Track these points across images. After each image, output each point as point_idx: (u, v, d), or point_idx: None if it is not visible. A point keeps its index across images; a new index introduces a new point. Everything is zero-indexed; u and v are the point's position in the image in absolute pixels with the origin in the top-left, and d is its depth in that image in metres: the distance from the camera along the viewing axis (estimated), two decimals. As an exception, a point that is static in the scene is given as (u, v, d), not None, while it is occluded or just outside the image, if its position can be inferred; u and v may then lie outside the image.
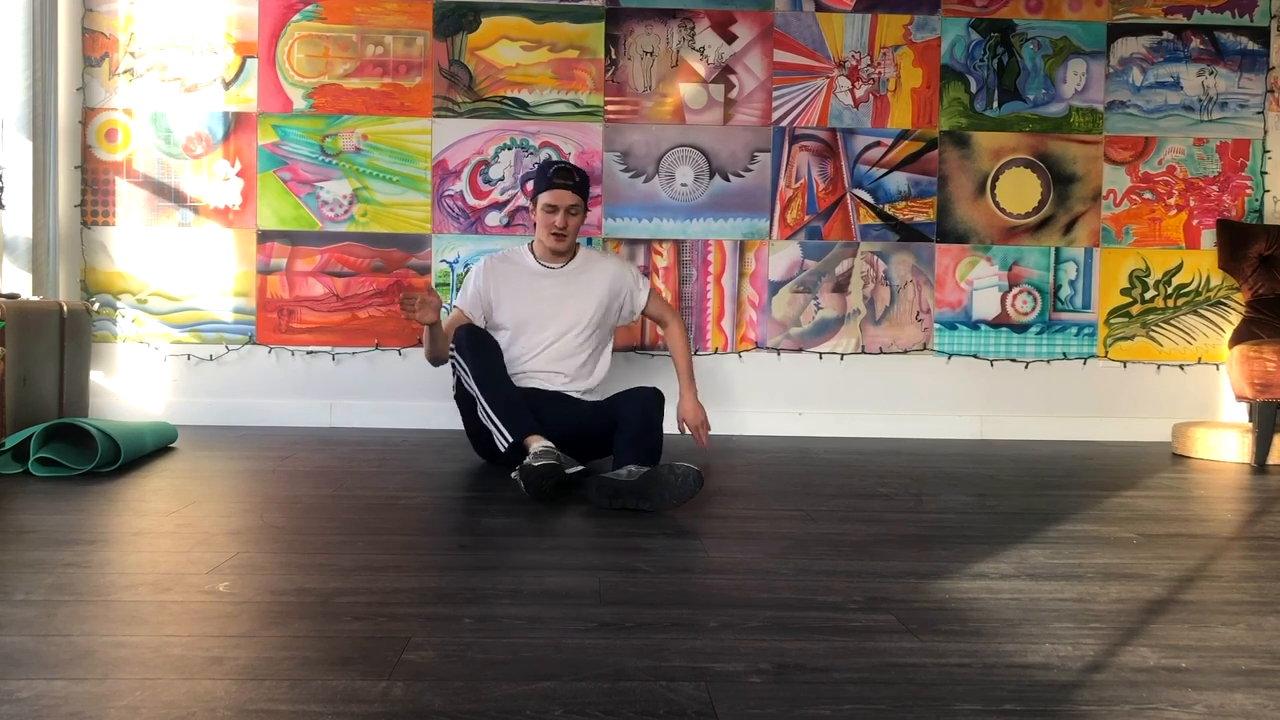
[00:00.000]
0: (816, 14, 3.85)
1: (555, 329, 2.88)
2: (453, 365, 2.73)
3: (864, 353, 3.90)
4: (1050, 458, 3.31)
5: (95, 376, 3.74)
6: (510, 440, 2.44)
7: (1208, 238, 3.94)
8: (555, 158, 2.97)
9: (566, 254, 2.95)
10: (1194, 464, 3.24)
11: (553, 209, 2.82)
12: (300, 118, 3.79)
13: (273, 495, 2.35)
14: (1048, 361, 3.93)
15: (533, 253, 2.98)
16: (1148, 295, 3.94)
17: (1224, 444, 3.33)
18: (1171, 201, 3.93)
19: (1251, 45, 3.92)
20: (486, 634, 1.32)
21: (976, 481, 2.75)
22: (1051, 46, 3.89)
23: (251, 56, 3.79)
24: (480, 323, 2.93)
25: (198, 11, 3.78)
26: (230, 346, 3.81)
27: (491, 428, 2.51)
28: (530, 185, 2.96)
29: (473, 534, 1.96)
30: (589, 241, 3.80)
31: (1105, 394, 3.93)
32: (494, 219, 3.82)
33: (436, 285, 3.82)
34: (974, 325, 3.92)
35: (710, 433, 2.98)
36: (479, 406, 2.57)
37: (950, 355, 3.91)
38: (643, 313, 3.07)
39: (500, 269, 2.97)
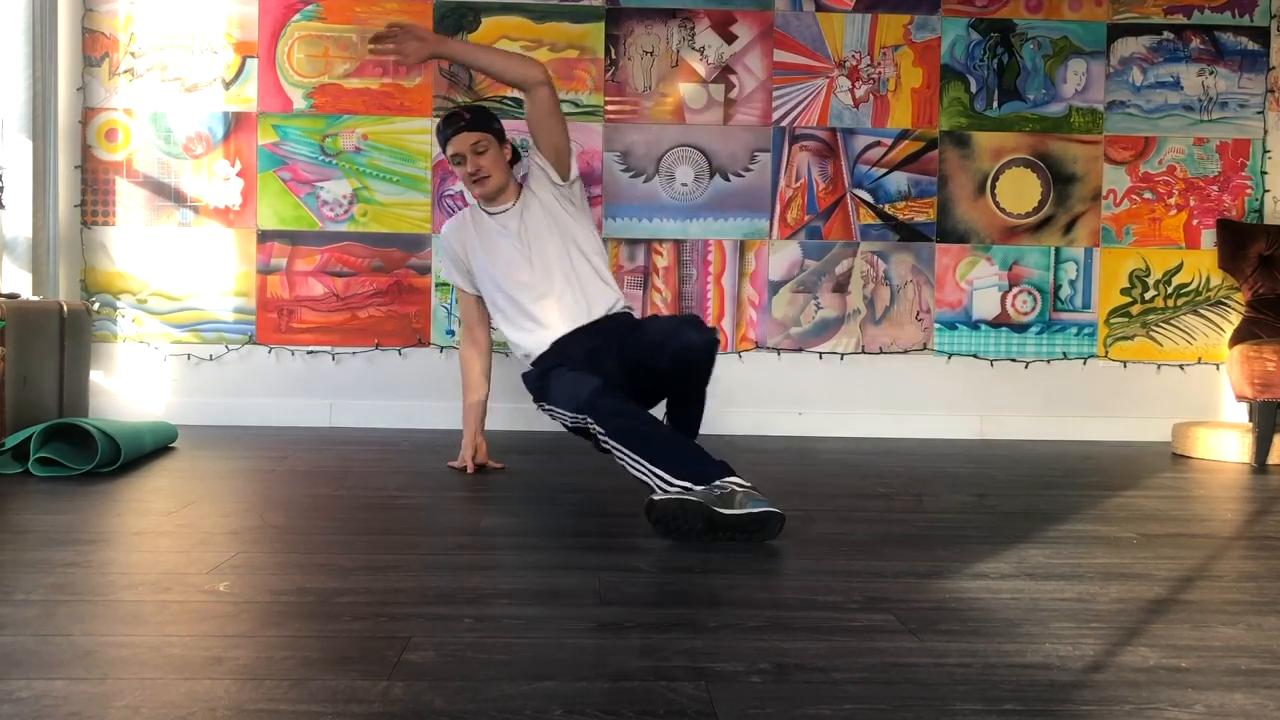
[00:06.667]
0: (816, 14, 3.85)
1: (545, 276, 2.62)
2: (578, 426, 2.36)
3: (864, 352, 3.90)
4: (1050, 458, 3.31)
5: (95, 376, 3.74)
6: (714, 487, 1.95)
7: (1208, 237, 3.93)
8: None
9: (503, 192, 2.68)
10: (1194, 464, 3.24)
11: (459, 159, 2.61)
12: (300, 118, 3.79)
13: (273, 495, 2.35)
14: (1048, 361, 3.93)
15: (484, 211, 2.75)
16: (1148, 295, 3.93)
17: (1224, 444, 3.33)
18: (1171, 201, 3.93)
19: (1251, 45, 3.92)
20: (486, 634, 1.32)
21: (976, 481, 2.75)
22: (1051, 46, 3.89)
23: (251, 56, 3.79)
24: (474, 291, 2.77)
25: (198, 11, 3.78)
26: (230, 346, 3.81)
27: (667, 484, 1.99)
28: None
29: (473, 534, 1.96)
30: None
31: (1105, 394, 3.93)
32: (494, 219, 3.82)
33: (437, 286, 3.82)
34: (974, 325, 3.92)
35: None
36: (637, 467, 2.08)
37: (950, 355, 3.91)
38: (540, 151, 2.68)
39: (460, 234, 2.75)
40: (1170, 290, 3.94)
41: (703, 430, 3.77)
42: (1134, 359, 3.94)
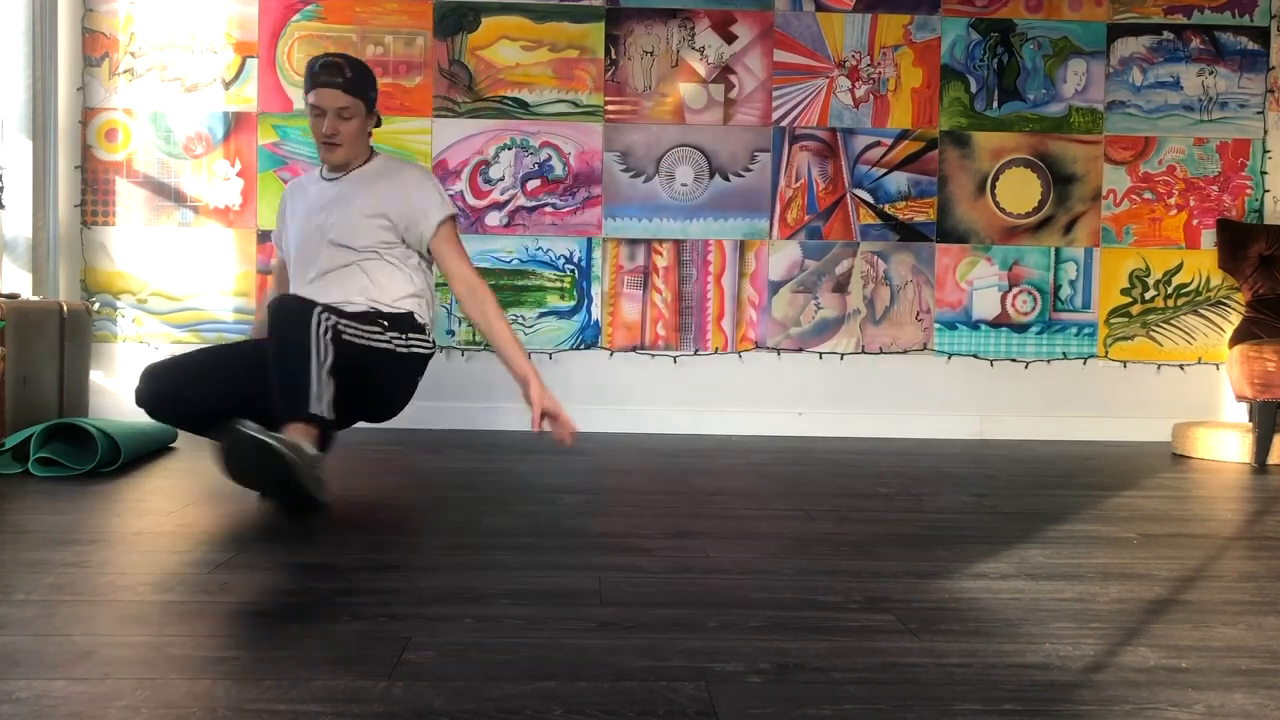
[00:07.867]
0: (816, 14, 3.85)
1: (322, 244, 2.36)
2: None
3: (864, 353, 3.90)
4: (1050, 458, 3.31)
5: (95, 376, 3.73)
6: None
7: (1208, 237, 3.93)
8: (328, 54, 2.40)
9: (348, 166, 2.42)
10: (1194, 464, 3.24)
11: (319, 112, 2.33)
12: (300, 118, 3.79)
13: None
14: (1048, 361, 3.93)
15: (321, 177, 2.49)
16: (1148, 295, 3.93)
17: (1224, 444, 3.33)
18: (1171, 201, 3.93)
19: (1251, 45, 3.92)
20: (486, 634, 1.32)
21: (976, 481, 2.75)
22: (1051, 46, 3.89)
23: (251, 56, 3.78)
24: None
25: (198, 11, 3.78)
26: (230, 346, 3.80)
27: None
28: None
29: (473, 534, 1.96)
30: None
31: (1105, 394, 3.93)
32: (494, 219, 3.82)
33: (437, 285, 3.80)
34: (974, 325, 3.92)
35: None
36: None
37: (950, 355, 3.91)
38: (429, 249, 2.42)
39: (293, 193, 2.52)
40: (1170, 290, 3.94)
41: (701, 430, 3.76)
42: (1134, 359, 3.94)
